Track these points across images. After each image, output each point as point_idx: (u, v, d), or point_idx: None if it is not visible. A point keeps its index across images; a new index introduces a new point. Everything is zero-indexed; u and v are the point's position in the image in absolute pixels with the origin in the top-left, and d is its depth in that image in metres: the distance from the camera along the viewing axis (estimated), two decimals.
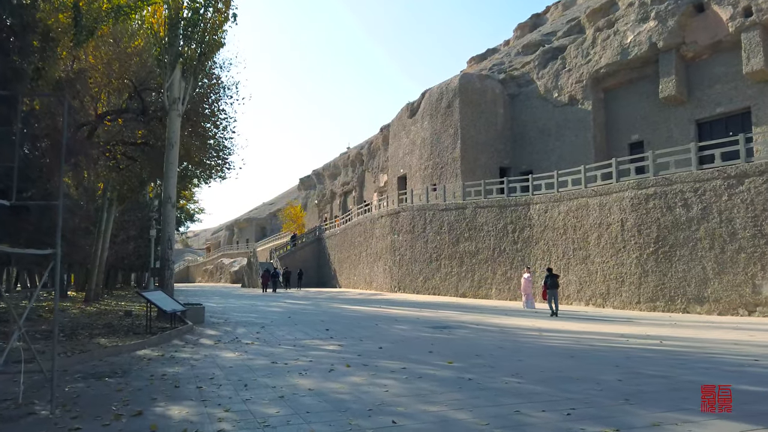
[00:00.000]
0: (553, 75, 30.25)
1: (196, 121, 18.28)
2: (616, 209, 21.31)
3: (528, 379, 7.09)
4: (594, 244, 22.07)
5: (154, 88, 18.27)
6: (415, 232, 32.28)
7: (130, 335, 12.18)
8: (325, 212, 59.68)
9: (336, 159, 58.19)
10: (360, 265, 39.94)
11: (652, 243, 19.84)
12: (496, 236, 26.66)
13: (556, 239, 23.77)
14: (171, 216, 15.83)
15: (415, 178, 36.57)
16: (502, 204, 26.54)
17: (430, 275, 30.94)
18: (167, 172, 15.84)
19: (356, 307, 22.76)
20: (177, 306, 13.40)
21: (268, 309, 21.79)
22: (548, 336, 12.27)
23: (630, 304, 20.50)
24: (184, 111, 16.12)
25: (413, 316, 17.65)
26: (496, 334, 12.73)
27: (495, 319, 16.50)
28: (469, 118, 32.42)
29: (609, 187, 21.66)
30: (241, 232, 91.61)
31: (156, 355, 9.85)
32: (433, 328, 14.14)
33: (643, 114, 26.69)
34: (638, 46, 25.61)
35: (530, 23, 49.54)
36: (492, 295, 26.68)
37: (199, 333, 13.37)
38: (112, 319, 16.67)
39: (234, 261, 74.47)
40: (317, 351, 10.24)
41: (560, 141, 29.91)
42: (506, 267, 26.10)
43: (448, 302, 25.27)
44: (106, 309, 21.14)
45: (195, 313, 15.34)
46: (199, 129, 18.60)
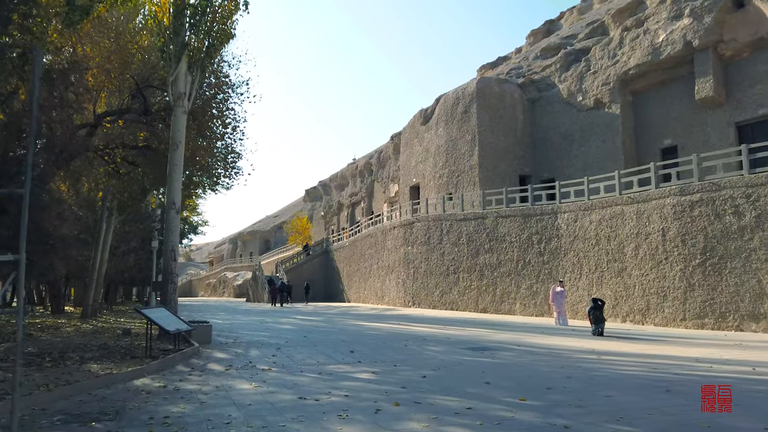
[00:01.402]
0: (577, 78, 28.75)
1: (203, 122, 16.71)
2: (656, 217, 19.65)
3: (646, 428, 5.41)
4: (631, 255, 20.39)
5: (157, 86, 16.73)
6: (431, 243, 30.61)
7: (128, 359, 10.51)
8: (332, 224, 58.06)
9: (343, 169, 56.68)
10: (371, 278, 38.22)
11: (699, 254, 18.16)
12: (520, 247, 24.99)
13: (587, 250, 22.09)
14: (175, 224, 14.22)
15: (429, 187, 34.98)
16: (526, 213, 24.89)
17: (447, 289, 29.22)
18: (171, 174, 14.25)
19: (374, 323, 21.04)
20: (181, 325, 11.73)
21: (279, 326, 20.09)
22: (612, 361, 10.57)
23: (674, 321, 18.76)
24: (190, 108, 14.55)
25: (441, 335, 15.94)
26: (548, 358, 11.04)
27: (534, 339, 14.79)
28: (487, 124, 30.89)
29: (647, 194, 20.02)
30: (245, 245, 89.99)
31: (157, 387, 8.19)
32: (471, 349, 12.45)
33: (676, 117, 25.12)
34: (671, 45, 24.11)
35: (544, 29, 48.24)
36: (516, 311, 24.95)
37: (206, 356, 11.69)
38: (109, 338, 15.00)
39: (238, 275, 72.76)
40: (350, 381, 8.56)
41: (585, 147, 28.33)
42: (531, 280, 24.39)
43: (471, 318, 23.54)
44: (104, 326, 19.48)
45: (201, 332, 13.67)
46: (207, 131, 17.00)
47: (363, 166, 51.16)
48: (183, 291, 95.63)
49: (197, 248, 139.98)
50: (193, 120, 16.20)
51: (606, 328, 16.23)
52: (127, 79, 16.22)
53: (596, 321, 15.85)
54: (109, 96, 18.09)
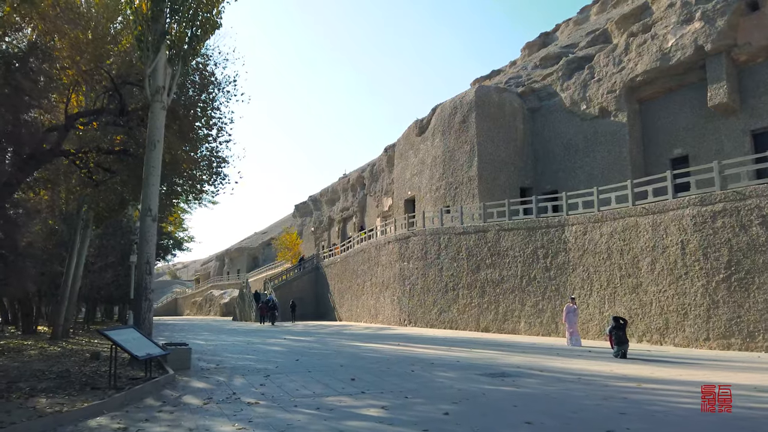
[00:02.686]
0: (580, 86, 27.62)
1: (185, 122, 15.11)
2: (674, 229, 18.30)
3: None
4: (647, 270, 18.99)
5: (136, 83, 15.17)
6: (428, 258, 29.07)
7: (87, 391, 8.81)
8: (323, 240, 56.36)
9: (334, 183, 55.15)
10: (363, 296, 36.51)
11: (723, 268, 16.78)
12: (524, 262, 23.53)
13: (598, 265, 20.68)
14: (151, 233, 12.58)
15: (425, 200, 33.55)
16: (531, 226, 23.48)
17: (445, 307, 27.62)
18: (147, 177, 12.64)
19: (371, 344, 19.37)
20: (153, 349, 10.04)
21: (267, 348, 18.34)
22: (657, 390, 9.05)
23: (696, 341, 17.32)
24: (170, 104, 13.00)
25: (449, 358, 14.34)
26: (581, 386, 9.50)
27: (553, 362, 13.25)
28: (486, 134, 29.61)
29: (664, 204, 18.69)
30: (233, 262, 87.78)
31: (116, 429, 6.55)
32: (487, 376, 10.88)
33: (686, 126, 23.96)
34: (681, 50, 23.03)
35: (539, 42, 47.46)
36: (520, 330, 23.41)
37: (182, 386, 9.98)
38: (75, 363, 13.23)
39: (224, 292, 70.57)
40: (356, 420, 6.96)
41: (590, 157, 27.09)
42: (537, 297, 22.89)
43: (474, 338, 21.95)
44: (73, 349, 17.64)
45: (178, 356, 11.96)
46: (189, 133, 15.38)
47: (355, 180, 49.69)
48: (168, 310, 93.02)
49: (184, 266, 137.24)
50: (174, 120, 14.63)
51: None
52: (102, 74, 14.66)
53: (618, 342, 14.36)
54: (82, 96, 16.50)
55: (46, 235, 27.67)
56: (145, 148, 12.79)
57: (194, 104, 15.62)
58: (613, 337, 14.50)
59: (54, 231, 28.35)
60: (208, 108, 15.82)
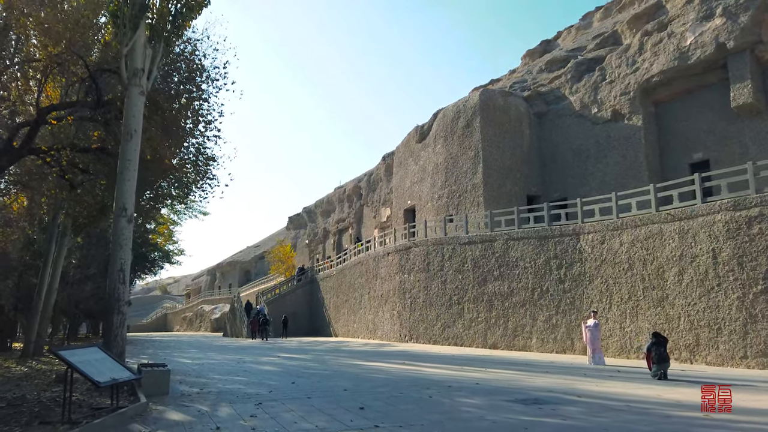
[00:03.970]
0: (591, 88, 26.27)
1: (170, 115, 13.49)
2: (703, 237, 16.79)
3: None
4: (674, 281, 17.44)
5: (114, 70, 13.55)
6: (431, 270, 27.42)
7: (33, 426, 7.08)
8: (317, 253, 54.58)
9: (330, 194, 53.49)
10: (361, 310, 34.72)
11: (761, 279, 15.25)
12: (536, 274, 21.94)
13: (617, 276, 19.12)
14: (125, 236, 10.91)
15: (426, 209, 31.98)
16: (542, 234, 21.93)
17: (449, 322, 25.91)
18: (122, 171, 10.98)
19: (374, 363, 17.64)
20: (121, 372, 8.30)
21: (259, 368, 16.53)
22: (733, 423, 7.44)
23: (732, 359, 15.71)
24: (149, 89, 11.41)
25: (466, 380, 12.66)
26: (638, 417, 7.87)
27: (586, 385, 11.60)
28: (491, 139, 28.16)
29: (692, 210, 17.19)
30: (224, 276, 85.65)
31: None
32: (519, 403, 9.22)
33: (707, 129, 22.59)
34: (701, 48, 21.72)
35: (540, 49, 46.26)
36: (532, 347, 21.74)
37: (155, 419, 8.23)
38: (36, 387, 11.46)
39: (215, 307, 68.47)
40: None
41: (602, 163, 25.65)
42: (550, 311, 21.27)
43: (484, 356, 20.27)
44: (42, 369, 15.82)
45: (155, 380, 10.20)
46: (173, 126, 13.72)
47: (351, 191, 48.09)
48: (157, 326, 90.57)
49: (175, 281, 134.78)
50: (156, 111, 13.01)
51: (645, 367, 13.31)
52: (74, 60, 13.05)
53: (659, 360, 12.76)
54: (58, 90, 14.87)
55: (23, 245, 25.86)
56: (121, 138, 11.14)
57: (179, 94, 13.98)
58: (653, 354, 12.91)
59: (32, 240, 26.57)
60: (195, 99, 14.17)
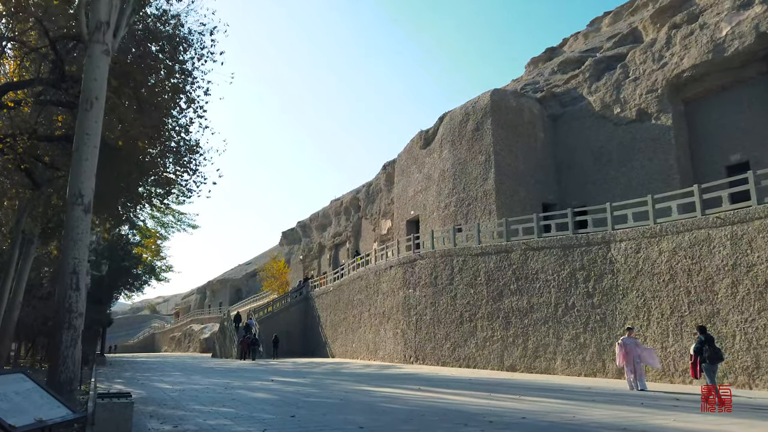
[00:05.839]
0: (613, 87, 24.32)
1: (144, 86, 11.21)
2: (761, 243, 14.62)
3: None
4: (726, 294, 15.23)
5: (78, 38, 11.32)
6: (438, 284, 25.09)
7: None
8: (312, 269, 52.05)
9: (326, 207, 51.18)
10: (361, 329, 32.23)
11: None
12: (559, 287, 19.69)
13: (657, 289, 16.88)
14: (81, 230, 8.58)
15: (432, 219, 29.74)
16: (566, 243, 19.73)
17: (461, 341, 23.51)
18: (79, 148, 8.69)
19: (382, 388, 15.20)
20: (54, 410, 5.87)
21: (251, 395, 14.01)
22: None
23: None
24: (116, 48, 9.18)
25: (502, 411, 10.29)
26: None
27: (657, 419, 9.24)
28: (503, 143, 26.09)
29: (747, 212, 15.06)
30: (214, 294, 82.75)
31: None
32: None
33: (745, 128, 20.61)
34: (739, 39, 19.83)
35: (545, 56, 44.64)
36: (556, 369, 19.40)
37: None
38: None
39: (205, 327, 65.59)
40: None
41: (626, 167, 23.58)
42: (577, 329, 18.96)
43: (504, 379, 17.90)
44: None
45: (112, 416, 7.72)
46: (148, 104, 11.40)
47: (349, 203, 45.83)
48: (145, 346, 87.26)
49: (164, 300, 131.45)
50: (127, 81, 10.76)
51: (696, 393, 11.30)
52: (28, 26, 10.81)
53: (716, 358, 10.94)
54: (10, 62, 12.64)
55: None
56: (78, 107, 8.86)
57: (157, 63, 11.70)
58: (706, 353, 10.96)
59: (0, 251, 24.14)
60: (176, 72, 11.90)
